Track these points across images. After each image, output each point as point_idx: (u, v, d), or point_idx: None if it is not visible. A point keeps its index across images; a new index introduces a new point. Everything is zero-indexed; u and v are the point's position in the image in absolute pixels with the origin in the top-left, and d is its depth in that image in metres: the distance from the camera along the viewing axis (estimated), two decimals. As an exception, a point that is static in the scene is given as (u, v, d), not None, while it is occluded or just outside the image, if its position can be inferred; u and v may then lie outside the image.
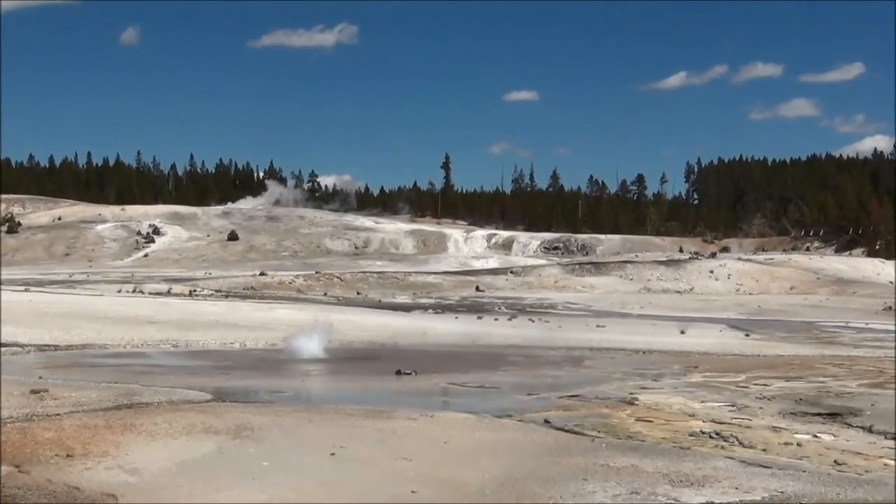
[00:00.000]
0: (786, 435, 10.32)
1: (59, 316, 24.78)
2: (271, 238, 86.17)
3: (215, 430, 9.85)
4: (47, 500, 7.34)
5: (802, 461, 9.04)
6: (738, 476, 8.29)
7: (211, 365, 15.50)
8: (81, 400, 11.61)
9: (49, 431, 9.58)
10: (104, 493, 7.43)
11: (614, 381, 14.49)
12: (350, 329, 21.37)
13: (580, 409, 11.77)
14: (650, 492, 7.73)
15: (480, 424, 10.73)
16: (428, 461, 8.72)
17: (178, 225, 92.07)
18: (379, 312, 29.32)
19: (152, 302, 33.02)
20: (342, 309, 29.49)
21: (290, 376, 14.59)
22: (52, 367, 15.00)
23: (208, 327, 21.31)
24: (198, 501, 7.23)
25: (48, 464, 8.31)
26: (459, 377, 14.80)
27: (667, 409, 11.83)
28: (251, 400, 12.13)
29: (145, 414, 10.73)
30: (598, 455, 9.02)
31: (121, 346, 18.57)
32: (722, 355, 19.04)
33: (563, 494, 7.58)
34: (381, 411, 11.32)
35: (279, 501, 7.36)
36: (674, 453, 9.22)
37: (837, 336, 25.39)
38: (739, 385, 14.20)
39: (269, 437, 9.58)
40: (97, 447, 8.91)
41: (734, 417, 11.36)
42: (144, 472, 8.09)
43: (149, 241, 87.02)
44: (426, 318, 27.99)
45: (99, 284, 44.45)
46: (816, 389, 13.83)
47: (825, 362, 17.66)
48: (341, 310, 28.36)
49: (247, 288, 43.04)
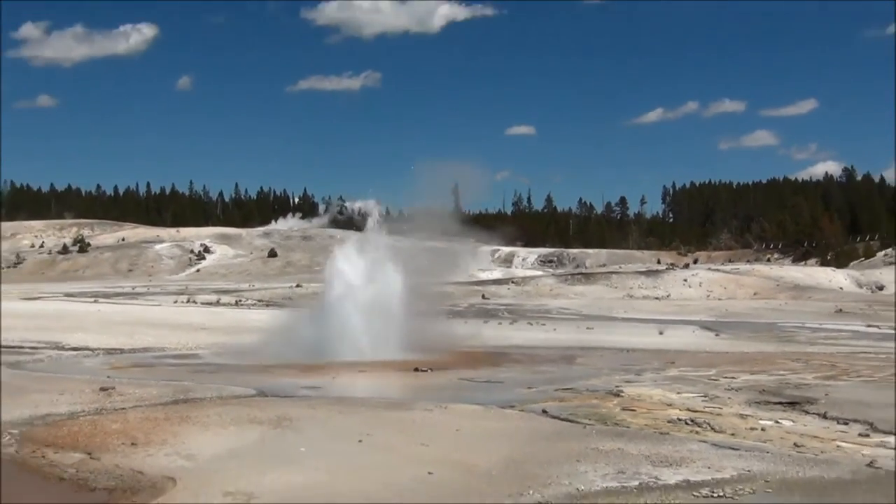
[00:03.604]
0: (751, 421, 10.30)
1: (123, 323, 24.84)
2: (306, 255, 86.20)
3: (259, 420, 9.87)
4: (115, 482, 7.35)
5: (766, 444, 9.02)
6: (711, 457, 8.28)
7: (255, 364, 15.49)
8: (143, 396, 11.64)
9: (116, 423, 9.61)
10: (164, 477, 7.45)
11: (602, 375, 14.45)
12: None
13: (573, 400, 11.75)
14: (634, 471, 7.72)
15: (487, 414, 10.73)
16: (442, 446, 8.72)
17: (225, 244, 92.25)
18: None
19: (204, 311, 33.09)
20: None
21: (323, 374, 14.58)
22: (118, 368, 15.04)
23: (252, 332, 21.31)
24: (244, 482, 7.24)
25: (116, 451, 8.33)
26: (469, 373, 14.79)
27: (648, 400, 11.80)
28: (290, 395, 12.13)
29: (199, 407, 10.75)
30: (590, 440, 9.01)
31: (177, 348, 18.60)
32: (695, 352, 18.98)
33: (559, 474, 7.57)
34: (402, 403, 11.33)
35: (314, 482, 7.36)
36: (654, 438, 9.20)
37: (795, 335, 25.28)
38: (711, 378, 14.15)
39: (306, 427, 9.59)
40: (157, 436, 8.94)
41: (706, 406, 11.33)
42: (198, 458, 8.10)
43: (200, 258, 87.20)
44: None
45: (157, 296, 44.52)
46: (777, 381, 13.77)
47: (785, 358, 17.59)
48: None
49: (285, 298, 43.00)
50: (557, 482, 7.34)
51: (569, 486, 7.25)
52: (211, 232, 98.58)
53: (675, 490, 7.18)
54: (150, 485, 7.23)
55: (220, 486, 7.11)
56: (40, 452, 8.34)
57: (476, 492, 7.04)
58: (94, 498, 6.98)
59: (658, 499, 6.94)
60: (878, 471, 7.90)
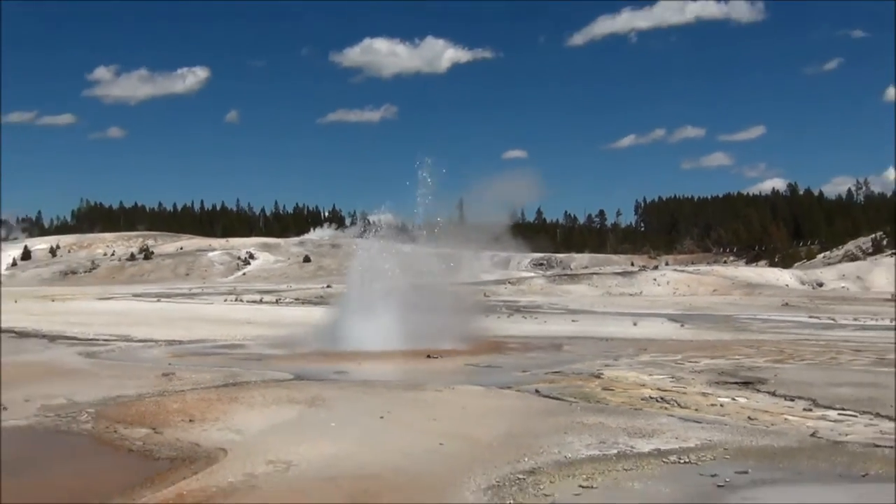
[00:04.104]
0: (712, 398, 10.27)
1: (181, 319, 24.88)
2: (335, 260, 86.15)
3: (296, 400, 9.87)
4: (176, 453, 7.37)
5: (725, 418, 9.00)
6: (678, 429, 8.26)
7: (292, 353, 15.49)
8: (199, 380, 11.65)
9: (176, 403, 9.62)
10: (217, 448, 7.46)
11: (586, 360, 14.40)
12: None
13: (561, 381, 11.72)
14: (613, 441, 7.71)
15: (489, 394, 10.71)
16: (451, 421, 8.72)
17: (266, 252, 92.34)
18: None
19: (249, 308, 33.12)
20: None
21: (350, 361, 14.56)
22: (178, 356, 15.04)
23: (290, 326, 21.32)
24: (284, 452, 7.24)
25: (176, 426, 8.35)
26: (473, 359, 14.75)
27: (624, 381, 11.77)
28: (322, 378, 12.12)
29: (245, 389, 10.76)
30: (575, 415, 9.00)
31: (227, 340, 18.59)
32: (664, 341, 18.94)
33: (549, 444, 7.56)
34: (417, 385, 11.31)
35: (343, 452, 7.36)
36: (630, 413, 9.18)
37: (748, 325, 25.23)
38: (677, 362, 14.11)
39: (336, 405, 9.59)
40: (211, 414, 8.95)
41: (674, 386, 11.31)
42: (246, 432, 8.11)
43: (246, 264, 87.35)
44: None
45: (210, 296, 44.58)
46: (734, 365, 13.74)
47: (740, 345, 17.55)
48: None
49: (318, 297, 43.00)
50: (548, 451, 7.33)
51: (558, 454, 7.24)
52: (255, 241, 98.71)
53: (647, 457, 7.17)
54: (205, 455, 7.24)
55: (263, 456, 7.12)
56: (112, 428, 8.35)
57: (479, 460, 7.03)
58: (158, 466, 6.99)
59: (633, 465, 6.93)
60: (819, 440, 7.88)
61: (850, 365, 13.95)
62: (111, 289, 55.06)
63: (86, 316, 26.00)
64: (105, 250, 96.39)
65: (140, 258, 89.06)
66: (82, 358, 14.62)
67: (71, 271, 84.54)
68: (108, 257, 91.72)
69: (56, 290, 50.97)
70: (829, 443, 7.76)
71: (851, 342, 18.52)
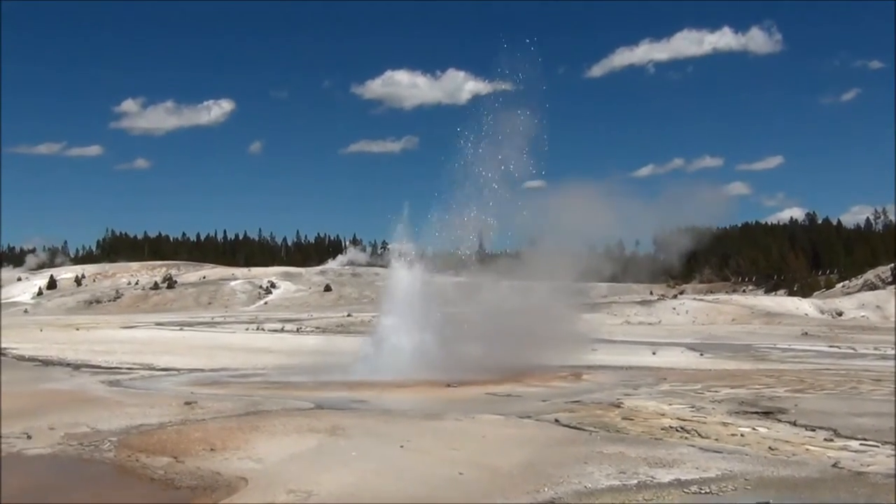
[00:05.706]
0: (732, 428, 10.16)
1: (204, 347, 24.96)
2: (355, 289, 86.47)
3: (317, 429, 9.84)
4: (197, 482, 7.36)
5: (745, 448, 8.89)
6: (698, 459, 8.17)
7: (313, 381, 15.47)
8: (220, 409, 11.65)
9: (198, 432, 9.61)
10: (238, 477, 7.44)
11: (605, 390, 14.31)
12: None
13: (581, 410, 11.64)
14: (633, 471, 7.64)
15: (508, 423, 10.64)
16: (470, 451, 8.66)
17: (288, 281, 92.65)
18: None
19: (270, 336, 33.18)
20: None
21: (370, 390, 14.50)
22: (199, 385, 15.06)
23: (310, 354, 21.31)
24: (304, 482, 7.22)
25: (197, 455, 8.34)
26: (493, 388, 14.67)
27: (644, 410, 11.67)
28: (342, 408, 12.09)
29: (266, 418, 10.74)
30: (595, 445, 8.92)
31: (248, 368, 18.60)
32: (683, 370, 18.77)
33: (569, 474, 7.49)
34: (436, 414, 11.26)
35: (363, 481, 7.33)
36: (650, 443, 9.10)
37: (768, 354, 24.98)
38: (697, 392, 13.98)
39: (356, 435, 9.56)
40: (232, 443, 8.93)
41: (694, 416, 11.19)
42: (266, 461, 8.09)
43: (268, 293, 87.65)
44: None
45: (232, 324, 44.70)
46: (754, 394, 13.59)
47: (760, 374, 17.38)
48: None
49: (338, 325, 43.06)
50: (568, 481, 7.26)
51: (578, 484, 7.18)
52: (276, 270, 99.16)
53: (668, 487, 7.09)
54: (226, 484, 7.23)
55: (284, 486, 7.09)
56: (134, 457, 8.36)
57: (499, 490, 6.97)
58: (179, 495, 6.98)
59: (654, 495, 6.85)
60: (841, 471, 7.77)
61: (871, 395, 13.77)
62: (135, 317, 55.36)
63: (109, 344, 26.12)
64: (129, 279, 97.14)
65: (163, 287, 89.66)
66: (106, 386, 14.67)
67: (95, 300, 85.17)
68: (132, 286, 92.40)
69: (81, 319, 51.30)
70: (851, 473, 7.65)
71: (872, 372, 18.29)
